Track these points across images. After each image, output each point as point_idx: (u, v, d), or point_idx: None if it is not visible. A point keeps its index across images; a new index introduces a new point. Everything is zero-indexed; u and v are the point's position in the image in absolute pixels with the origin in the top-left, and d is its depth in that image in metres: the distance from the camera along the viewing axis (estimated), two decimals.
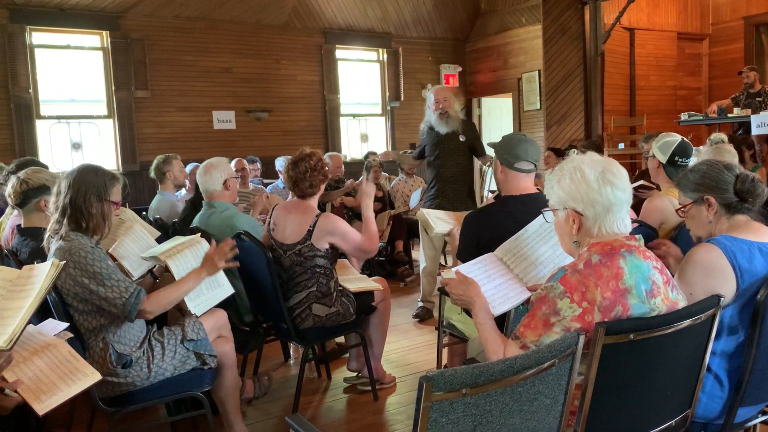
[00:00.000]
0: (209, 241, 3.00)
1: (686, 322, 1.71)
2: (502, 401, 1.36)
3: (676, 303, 1.76)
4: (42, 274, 1.63)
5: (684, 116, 8.16)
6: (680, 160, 3.23)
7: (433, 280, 5.11)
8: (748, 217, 2.07)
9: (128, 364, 2.51)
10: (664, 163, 3.26)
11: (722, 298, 1.81)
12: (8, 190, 3.05)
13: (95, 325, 2.47)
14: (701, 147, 3.72)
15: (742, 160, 5.28)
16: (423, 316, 5.12)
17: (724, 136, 3.78)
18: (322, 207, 4.06)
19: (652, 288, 1.70)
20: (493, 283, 2.18)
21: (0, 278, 1.70)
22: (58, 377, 1.90)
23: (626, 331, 1.60)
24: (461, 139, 4.90)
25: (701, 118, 8.18)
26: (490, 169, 4.56)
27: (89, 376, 1.91)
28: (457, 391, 1.29)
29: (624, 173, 1.78)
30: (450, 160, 4.92)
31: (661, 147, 3.34)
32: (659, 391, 1.77)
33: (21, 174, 3.08)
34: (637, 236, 1.77)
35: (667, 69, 10.16)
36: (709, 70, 10.74)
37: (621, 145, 8.92)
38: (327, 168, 3.37)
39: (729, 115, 7.61)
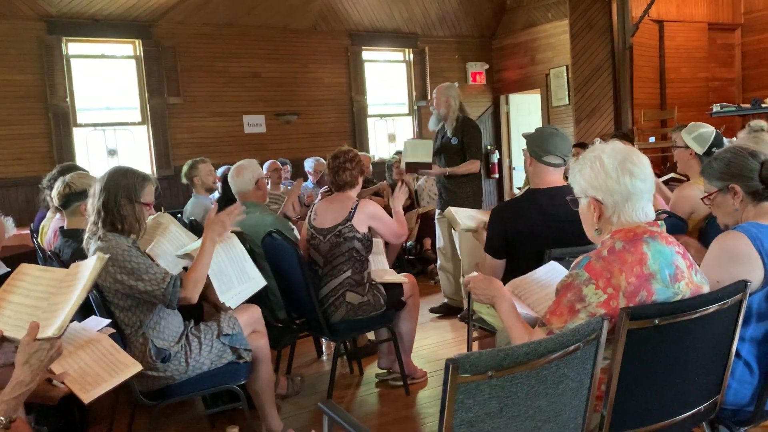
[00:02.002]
0: (242, 240, 3.09)
1: (713, 307, 1.72)
2: (528, 384, 1.40)
3: (701, 287, 1.77)
4: (87, 269, 1.72)
5: (716, 108, 8.04)
6: (717, 151, 3.23)
7: (451, 276, 5.14)
8: None
9: (167, 359, 2.60)
10: (701, 154, 3.25)
11: (749, 284, 1.81)
12: (54, 191, 3.21)
13: (135, 321, 2.57)
14: (739, 133, 3.67)
15: None
16: (439, 311, 5.18)
17: (764, 124, 3.70)
18: None
19: (676, 272, 1.72)
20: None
21: (50, 278, 1.81)
22: (102, 369, 1.99)
23: (651, 316, 1.62)
24: (453, 142, 4.86)
25: (734, 109, 8.05)
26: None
27: (130, 367, 2.00)
28: (483, 373, 1.33)
29: (646, 163, 1.79)
30: (444, 161, 4.92)
31: (696, 139, 3.33)
32: (687, 377, 1.78)
33: (67, 177, 3.23)
34: (659, 222, 1.78)
35: (699, 60, 9.99)
36: (742, 60, 10.54)
37: (652, 139, 8.82)
38: (363, 165, 3.54)
39: (763, 105, 7.48)
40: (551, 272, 2.24)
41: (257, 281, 2.93)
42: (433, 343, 4.49)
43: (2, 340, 1.68)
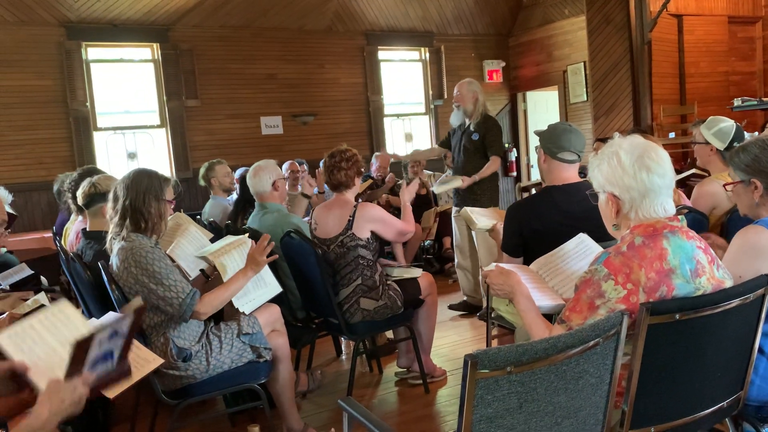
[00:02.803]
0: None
1: (734, 302, 1.70)
2: (547, 379, 1.39)
3: (723, 282, 1.75)
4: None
5: (737, 102, 7.94)
6: (747, 141, 3.19)
7: (469, 273, 5.14)
8: None
9: (188, 358, 2.62)
10: (723, 149, 3.22)
11: None
12: (79, 191, 3.25)
13: (156, 321, 2.60)
14: None
15: None
16: (458, 308, 5.19)
17: None
18: None
19: (697, 267, 1.70)
20: (529, 285, 2.18)
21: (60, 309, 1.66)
22: None
23: (671, 311, 1.61)
24: (473, 138, 4.85)
25: (755, 103, 7.94)
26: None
27: (151, 362, 2.03)
28: (502, 369, 1.33)
29: (665, 158, 1.77)
30: (463, 157, 4.91)
31: (716, 134, 3.29)
32: (708, 372, 1.76)
33: (94, 178, 3.28)
34: (679, 217, 1.77)
35: (719, 54, 9.87)
36: (763, 53, 10.40)
37: (672, 134, 8.73)
38: (361, 164, 3.49)
39: None
40: (581, 245, 2.23)
41: (273, 287, 2.94)
42: (452, 342, 4.49)
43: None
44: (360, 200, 4.20)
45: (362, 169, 3.51)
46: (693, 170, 4.43)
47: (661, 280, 1.66)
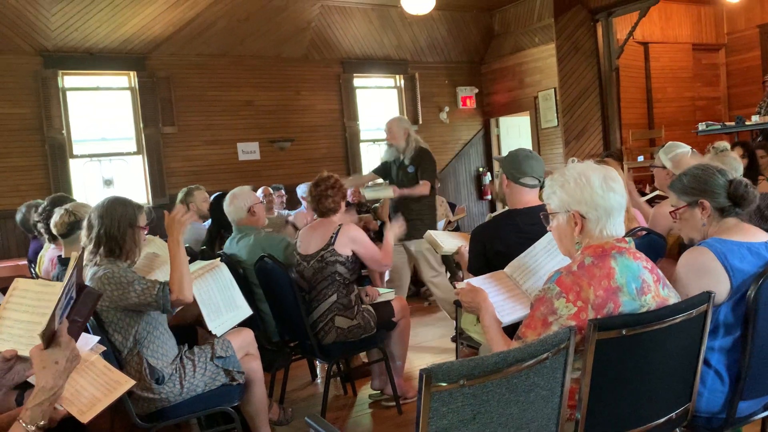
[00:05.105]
0: (236, 264, 3.17)
1: (679, 318, 1.81)
2: (499, 392, 1.48)
3: (667, 299, 1.86)
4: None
5: (702, 126, 8.19)
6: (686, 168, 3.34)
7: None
8: (737, 219, 2.17)
9: (162, 380, 2.67)
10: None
11: (713, 295, 1.90)
12: (54, 220, 3.25)
13: (130, 341, 2.66)
14: (704, 156, 3.80)
15: (756, 166, 5.33)
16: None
17: (727, 144, 3.84)
18: None
19: (642, 286, 1.81)
20: (501, 296, 2.27)
21: (52, 292, 1.71)
22: (96, 389, 2.06)
23: (617, 326, 1.71)
24: (409, 170, 4.98)
25: (719, 127, 8.20)
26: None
27: (123, 384, 2.07)
28: (456, 382, 1.41)
29: (621, 180, 1.91)
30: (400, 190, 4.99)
31: (673, 159, 3.45)
32: (656, 385, 1.86)
33: (69, 206, 3.30)
34: (627, 239, 1.88)
35: (684, 80, 10.20)
36: (727, 79, 10.76)
37: (640, 158, 8.96)
38: (345, 188, 3.64)
39: (747, 123, 7.63)
40: (551, 243, 2.30)
41: (244, 310, 3.00)
42: (427, 363, 4.50)
43: (16, 361, 1.67)
44: None
45: (346, 194, 3.66)
46: (657, 192, 4.60)
47: (609, 298, 1.76)
